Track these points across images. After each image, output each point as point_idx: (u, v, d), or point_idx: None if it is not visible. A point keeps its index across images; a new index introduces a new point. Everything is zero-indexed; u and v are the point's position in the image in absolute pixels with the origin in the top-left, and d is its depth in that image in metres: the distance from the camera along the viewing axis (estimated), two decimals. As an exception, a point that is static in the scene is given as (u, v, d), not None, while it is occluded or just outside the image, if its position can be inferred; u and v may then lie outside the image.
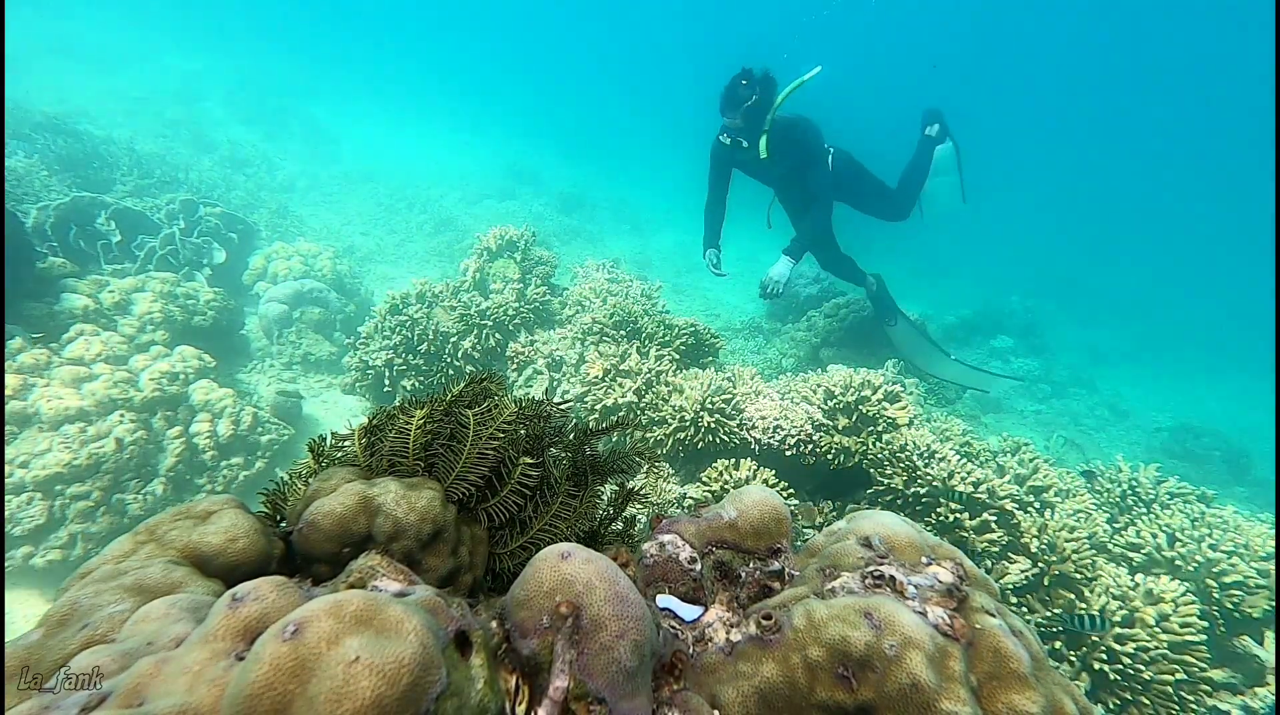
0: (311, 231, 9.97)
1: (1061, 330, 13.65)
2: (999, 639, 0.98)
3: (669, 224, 16.20)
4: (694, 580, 1.22)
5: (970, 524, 3.30)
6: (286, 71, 19.89)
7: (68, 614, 0.82)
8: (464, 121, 22.46)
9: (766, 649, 1.00)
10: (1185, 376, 14.09)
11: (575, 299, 5.86)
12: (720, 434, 3.69)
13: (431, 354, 5.25)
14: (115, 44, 16.13)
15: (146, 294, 5.23)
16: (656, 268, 12.79)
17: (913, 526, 1.23)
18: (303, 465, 1.26)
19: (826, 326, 6.95)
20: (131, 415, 4.26)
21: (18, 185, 6.69)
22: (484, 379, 1.31)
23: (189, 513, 1.04)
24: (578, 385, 4.43)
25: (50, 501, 3.87)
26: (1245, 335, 17.71)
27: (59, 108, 9.43)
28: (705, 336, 4.84)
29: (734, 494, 1.35)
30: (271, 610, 0.74)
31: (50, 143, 7.93)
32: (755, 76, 4.31)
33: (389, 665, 0.61)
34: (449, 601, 0.85)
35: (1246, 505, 5.86)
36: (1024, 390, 10.16)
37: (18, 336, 4.27)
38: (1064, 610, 3.14)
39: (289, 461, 4.93)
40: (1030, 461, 4.05)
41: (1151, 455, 8.73)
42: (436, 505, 1.04)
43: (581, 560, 0.92)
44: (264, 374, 6.23)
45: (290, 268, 7.08)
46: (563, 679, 0.83)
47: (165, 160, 9.87)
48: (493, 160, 18.20)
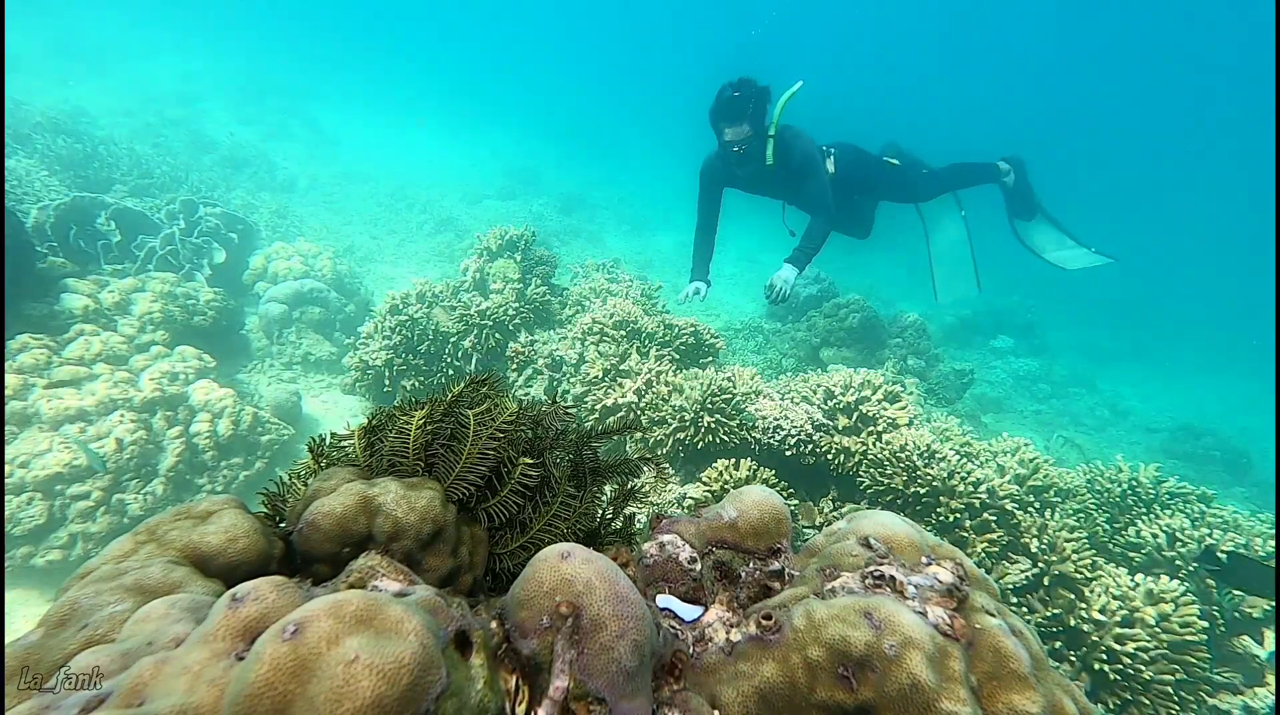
0: (311, 231, 9.98)
1: (1062, 330, 13.66)
2: (999, 639, 0.98)
3: (669, 224, 16.20)
4: (694, 580, 1.22)
5: (970, 524, 3.30)
6: (286, 71, 19.90)
7: (68, 614, 0.82)
8: (464, 121, 22.47)
9: (766, 649, 1.00)
10: (1185, 377, 14.09)
11: (575, 299, 5.86)
12: (720, 434, 3.69)
13: (431, 354, 5.25)
14: (115, 44, 16.13)
15: (146, 294, 5.23)
16: (656, 268, 12.79)
17: (913, 526, 1.23)
18: (303, 465, 1.26)
19: (826, 326, 6.95)
20: (131, 415, 4.26)
21: (18, 185, 6.69)
22: (484, 380, 1.31)
23: (189, 513, 1.04)
24: (578, 385, 4.43)
25: (50, 501, 3.87)
26: (1245, 335, 17.70)
27: (59, 108, 9.43)
28: (705, 336, 4.84)
29: (734, 494, 1.35)
30: (271, 610, 0.74)
31: (50, 143, 7.93)
32: (754, 85, 4.24)
33: (389, 665, 0.61)
34: (449, 601, 0.85)
35: (1246, 505, 5.85)
36: (1024, 390, 10.16)
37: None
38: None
39: (289, 461, 4.94)
40: (1030, 461, 4.05)
41: (1151, 455, 8.73)
42: (436, 505, 1.04)
43: (581, 560, 0.92)
44: (264, 374, 6.23)
45: (290, 268, 7.08)
46: (563, 679, 0.83)
47: (165, 160, 9.87)
48: (493, 160, 18.21)
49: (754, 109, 4.21)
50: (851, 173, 4.85)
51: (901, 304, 11.13)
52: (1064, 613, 3.13)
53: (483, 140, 20.58)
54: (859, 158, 4.95)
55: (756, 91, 4.22)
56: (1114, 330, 15.63)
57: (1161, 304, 20.60)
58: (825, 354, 6.74)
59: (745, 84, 4.22)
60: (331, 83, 20.92)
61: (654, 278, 7.19)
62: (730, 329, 8.31)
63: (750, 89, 4.21)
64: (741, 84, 4.21)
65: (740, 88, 4.19)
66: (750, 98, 4.18)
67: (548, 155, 20.19)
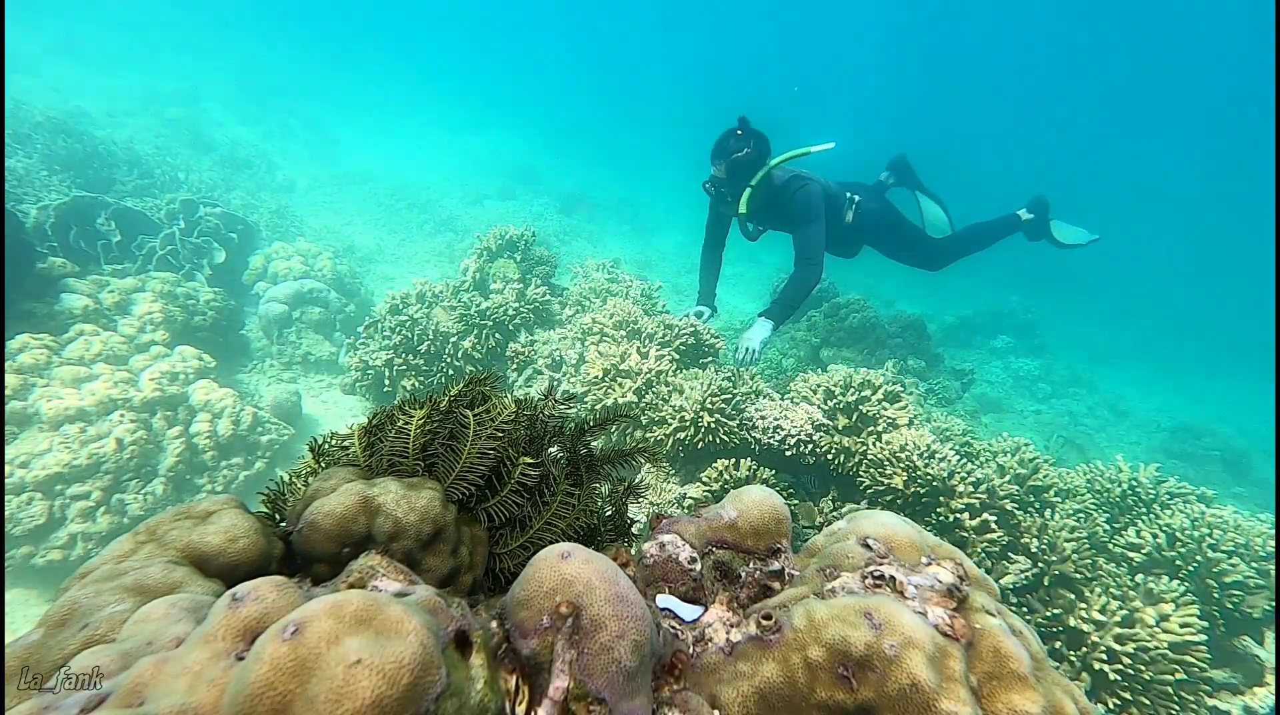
0: (311, 231, 9.98)
1: (1061, 330, 13.66)
2: (999, 639, 0.98)
3: (669, 224, 16.21)
4: (694, 580, 1.22)
5: (970, 524, 3.30)
6: (286, 71, 19.89)
7: (68, 614, 0.82)
8: (464, 121, 22.47)
9: (766, 649, 1.00)
10: (1185, 377, 14.10)
11: (575, 299, 5.86)
12: (720, 434, 3.69)
13: (431, 354, 5.25)
14: (115, 44, 16.13)
15: (146, 294, 5.23)
16: (656, 268, 12.80)
17: (913, 526, 1.23)
18: (303, 465, 1.26)
19: (826, 326, 6.95)
20: (131, 415, 4.26)
21: (18, 185, 6.69)
22: (484, 380, 1.31)
23: (189, 513, 1.04)
24: (578, 385, 4.43)
25: (50, 501, 3.87)
26: (1245, 335, 17.71)
27: (59, 108, 9.43)
28: (705, 336, 4.84)
29: (734, 494, 1.35)
30: (271, 610, 0.74)
31: (50, 143, 7.93)
32: (750, 131, 4.02)
33: (389, 665, 0.61)
34: (449, 601, 0.85)
35: (1246, 505, 5.85)
36: (1024, 390, 10.16)
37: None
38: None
39: (289, 461, 4.94)
40: (1030, 461, 4.05)
41: (1151, 455, 8.73)
42: (436, 505, 1.04)
43: (581, 560, 0.92)
44: (264, 374, 6.23)
45: (290, 267, 7.08)
46: (563, 679, 0.83)
47: (165, 160, 9.87)
48: (493, 160, 18.21)
49: (745, 155, 3.99)
50: (867, 227, 4.55)
51: (901, 304, 11.13)
52: (1064, 613, 3.13)
53: (483, 140, 20.59)
54: (884, 219, 4.62)
55: (754, 140, 3.99)
56: (1114, 330, 15.65)
57: (1162, 304, 20.61)
58: (825, 354, 6.74)
59: (744, 126, 4.02)
60: (332, 83, 20.93)
61: (654, 278, 7.19)
62: (730, 329, 8.31)
63: (748, 134, 3.98)
64: (743, 125, 4.02)
65: (743, 128, 4.01)
66: (744, 144, 3.97)
67: (548, 155, 20.21)
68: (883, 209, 4.63)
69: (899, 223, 4.69)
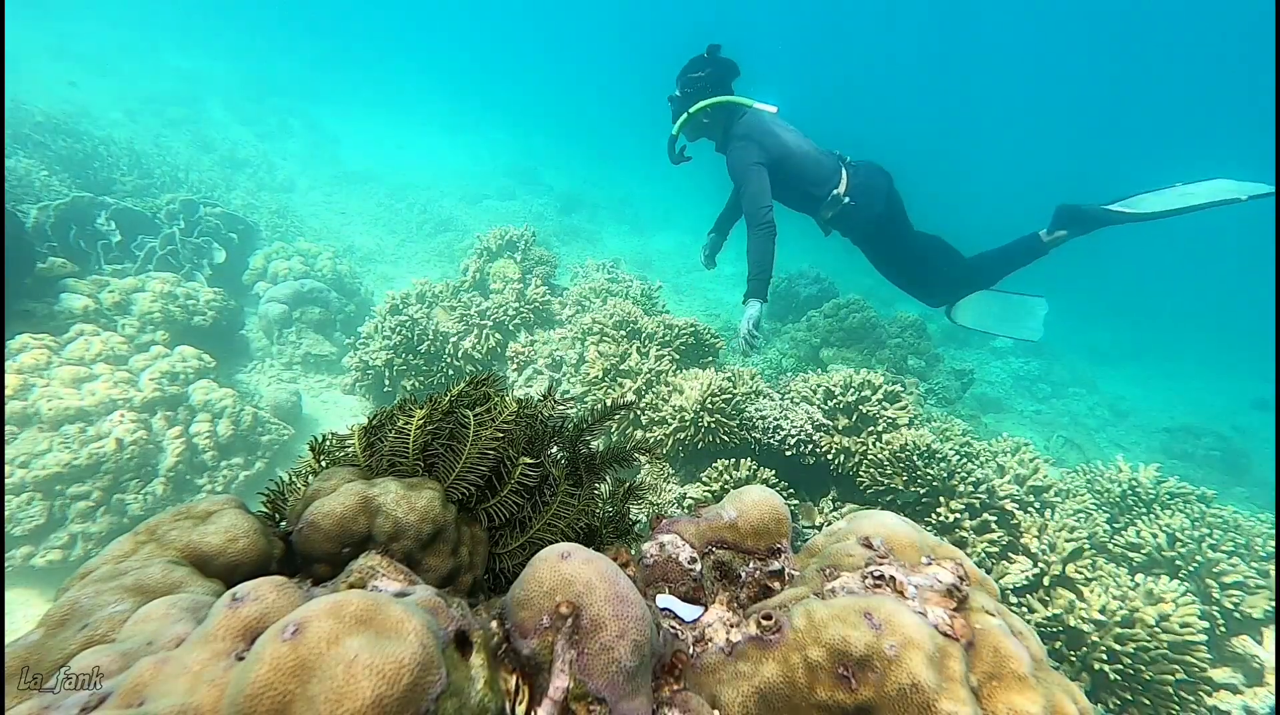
0: (311, 231, 9.98)
1: (1062, 330, 13.65)
2: (999, 639, 0.98)
3: (669, 224, 16.21)
4: (694, 580, 1.22)
5: (970, 524, 3.30)
6: (286, 71, 19.90)
7: (68, 614, 0.82)
8: (464, 121, 22.48)
9: (766, 649, 1.00)
10: (1185, 377, 14.09)
11: (575, 299, 5.86)
12: (720, 434, 3.69)
13: (431, 354, 5.25)
14: (115, 44, 16.13)
15: (146, 294, 5.23)
16: (656, 268, 12.79)
17: (913, 527, 1.23)
18: (303, 465, 1.26)
19: (827, 326, 6.95)
20: (132, 415, 4.26)
21: (18, 185, 6.68)
22: (484, 380, 1.31)
23: (189, 513, 1.04)
24: (578, 385, 4.43)
25: (50, 501, 3.87)
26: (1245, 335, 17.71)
27: (59, 108, 9.42)
28: (705, 336, 4.84)
29: (734, 494, 1.35)
30: (271, 610, 0.74)
31: (50, 143, 7.92)
32: (717, 59, 3.68)
33: (389, 665, 0.61)
34: (449, 601, 0.85)
35: (1246, 505, 5.85)
36: (1024, 390, 10.16)
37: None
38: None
39: (289, 461, 4.93)
40: (1030, 461, 4.05)
41: (1151, 455, 8.73)
42: (436, 505, 1.04)
43: (581, 560, 0.92)
44: (264, 374, 6.23)
45: (290, 267, 7.08)
46: (563, 679, 0.83)
47: (165, 160, 9.87)
48: (493, 160, 18.22)
49: (690, 74, 3.68)
50: (856, 227, 3.80)
51: (901, 304, 11.12)
52: (1064, 613, 3.13)
53: (483, 140, 20.59)
54: (886, 225, 3.77)
55: (705, 62, 3.66)
56: (1114, 330, 15.64)
57: (1162, 304, 20.61)
58: (825, 354, 6.74)
59: (710, 50, 3.68)
60: (332, 83, 20.93)
61: (654, 277, 7.19)
62: (730, 329, 8.31)
63: (713, 59, 3.65)
64: (709, 50, 3.71)
65: (709, 52, 3.70)
66: (693, 64, 3.67)
67: (548, 155, 20.21)
68: (887, 213, 3.74)
69: (902, 233, 3.84)
